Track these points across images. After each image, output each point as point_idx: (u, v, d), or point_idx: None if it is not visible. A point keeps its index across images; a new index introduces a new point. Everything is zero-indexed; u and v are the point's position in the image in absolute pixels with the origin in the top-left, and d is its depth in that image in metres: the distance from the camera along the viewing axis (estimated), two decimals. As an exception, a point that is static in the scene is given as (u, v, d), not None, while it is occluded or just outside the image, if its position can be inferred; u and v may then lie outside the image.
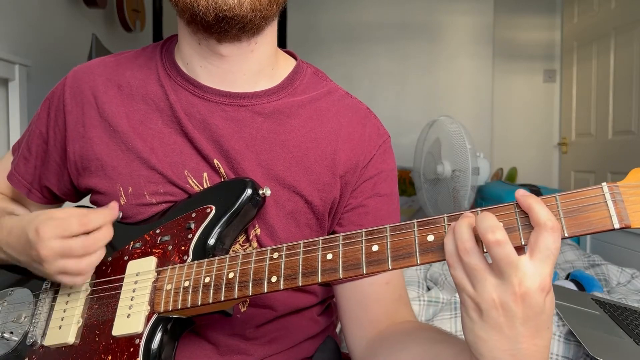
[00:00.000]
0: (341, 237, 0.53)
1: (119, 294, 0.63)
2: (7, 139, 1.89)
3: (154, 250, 0.65)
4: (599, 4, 3.28)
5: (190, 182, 0.68)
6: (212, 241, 0.62)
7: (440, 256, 0.48)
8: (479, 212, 0.47)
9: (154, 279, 0.62)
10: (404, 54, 3.81)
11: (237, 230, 0.65)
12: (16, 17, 1.98)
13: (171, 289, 0.59)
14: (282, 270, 0.54)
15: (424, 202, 2.60)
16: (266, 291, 0.54)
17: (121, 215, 0.68)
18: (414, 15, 3.79)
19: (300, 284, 0.53)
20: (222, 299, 0.56)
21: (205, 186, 0.68)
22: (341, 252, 0.52)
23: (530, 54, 3.89)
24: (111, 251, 0.68)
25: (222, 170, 0.68)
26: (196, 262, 0.60)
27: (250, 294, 0.55)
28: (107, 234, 0.63)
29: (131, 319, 0.60)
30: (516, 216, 0.46)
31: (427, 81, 3.82)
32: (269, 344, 0.72)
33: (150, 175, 0.68)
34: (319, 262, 0.53)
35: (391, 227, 0.51)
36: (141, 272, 0.63)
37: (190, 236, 0.63)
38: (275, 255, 0.55)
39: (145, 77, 0.72)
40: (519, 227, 0.46)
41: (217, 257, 0.59)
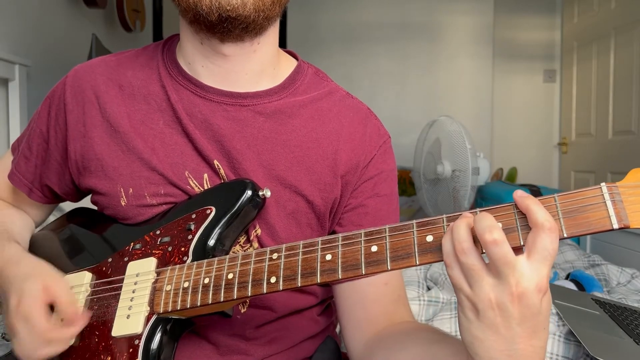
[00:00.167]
0: (340, 237, 0.53)
1: (119, 294, 0.63)
2: (7, 139, 1.89)
3: (154, 251, 0.65)
4: (599, 4, 3.28)
5: (190, 183, 0.68)
6: (212, 242, 0.62)
7: (439, 257, 0.48)
8: (477, 212, 0.47)
9: (153, 280, 0.62)
10: (404, 54, 3.81)
11: (237, 231, 0.65)
12: (16, 17, 1.98)
13: (171, 290, 0.59)
14: (282, 270, 0.54)
15: (424, 202, 2.60)
16: (265, 292, 0.54)
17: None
18: (414, 15, 3.79)
19: (299, 285, 0.53)
20: (222, 300, 0.56)
21: (205, 187, 0.68)
22: (340, 252, 0.52)
23: (530, 54, 3.89)
24: (111, 252, 0.69)
25: (222, 171, 0.68)
26: (196, 263, 0.60)
27: (249, 295, 0.55)
28: (58, 350, 0.62)
29: (131, 319, 0.60)
30: (515, 217, 0.46)
31: (427, 81, 3.82)
32: (269, 344, 0.72)
33: (151, 176, 0.68)
34: (318, 263, 0.53)
35: (390, 227, 0.51)
36: (141, 272, 0.63)
37: (190, 237, 0.63)
38: (274, 256, 0.55)
39: (146, 76, 0.72)
40: (518, 227, 0.46)
41: (216, 258, 0.59)
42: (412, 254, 0.49)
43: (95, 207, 0.76)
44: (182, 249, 0.63)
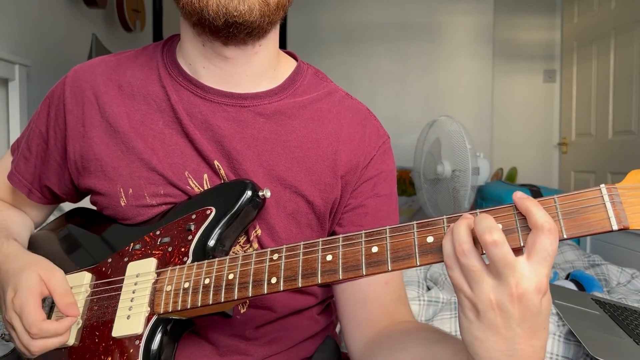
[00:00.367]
0: (341, 238, 0.53)
1: (119, 295, 0.63)
2: (7, 139, 1.89)
3: (154, 251, 0.65)
4: (599, 4, 3.28)
5: (190, 183, 0.68)
6: (212, 242, 0.62)
7: (439, 257, 0.48)
8: (478, 213, 0.47)
9: (154, 280, 0.62)
10: (404, 54, 3.81)
11: (237, 231, 0.65)
12: (16, 17, 1.98)
13: (171, 290, 0.59)
14: (282, 271, 0.54)
15: (424, 202, 2.60)
16: (266, 292, 0.54)
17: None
18: (414, 15, 3.79)
19: (300, 285, 0.53)
20: (222, 300, 0.56)
21: (205, 187, 0.68)
22: (341, 253, 0.52)
23: (530, 54, 3.89)
24: (111, 252, 0.69)
25: (222, 171, 0.68)
26: (196, 263, 0.60)
27: (250, 295, 0.55)
28: (49, 345, 0.62)
29: (131, 320, 0.60)
30: (515, 218, 0.46)
31: (427, 81, 3.82)
32: (269, 345, 0.72)
33: (150, 176, 0.68)
34: (319, 264, 0.53)
35: (391, 228, 0.51)
36: (141, 273, 0.63)
37: (190, 238, 0.63)
38: (275, 256, 0.55)
39: (146, 77, 0.72)
40: (518, 228, 0.46)
41: (217, 259, 0.59)
42: (413, 255, 0.49)
43: (94, 207, 0.76)
44: (182, 250, 0.63)
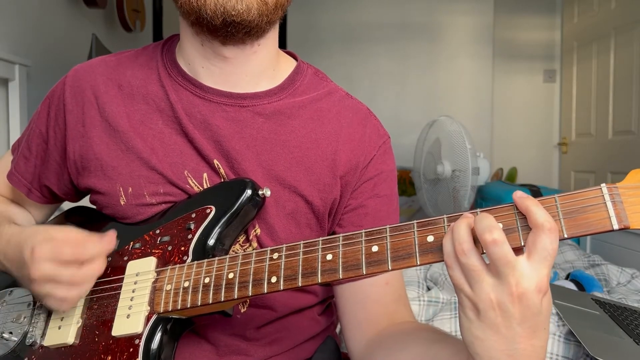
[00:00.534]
0: (341, 237, 0.53)
1: (119, 294, 0.63)
2: (7, 139, 1.89)
3: (153, 250, 0.65)
4: (599, 4, 3.28)
5: (190, 182, 0.68)
6: (211, 242, 0.62)
7: (439, 257, 0.48)
8: (478, 213, 0.47)
9: (153, 279, 0.62)
10: (404, 54, 3.81)
11: (236, 230, 0.65)
12: (16, 17, 1.98)
13: (171, 289, 0.59)
14: (282, 270, 0.54)
15: (424, 202, 2.60)
16: (266, 292, 0.54)
17: (118, 243, 0.65)
18: (414, 15, 3.79)
19: (300, 285, 0.53)
20: (222, 300, 0.56)
21: (205, 187, 0.68)
22: (341, 252, 0.52)
23: (530, 54, 3.89)
24: (111, 252, 0.68)
25: (221, 170, 0.68)
26: (196, 262, 0.60)
27: (250, 295, 0.55)
28: (98, 268, 0.62)
29: (131, 319, 0.60)
30: (516, 217, 0.46)
31: (427, 81, 3.82)
32: (270, 345, 0.72)
33: (150, 175, 0.68)
34: (319, 263, 0.53)
35: (391, 227, 0.51)
36: (141, 272, 0.63)
37: (190, 237, 0.63)
38: (275, 255, 0.55)
39: (146, 76, 0.72)
40: (519, 228, 0.46)
41: (216, 258, 0.59)
42: (413, 254, 0.49)
43: (94, 207, 0.76)
44: (182, 249, 0.63)
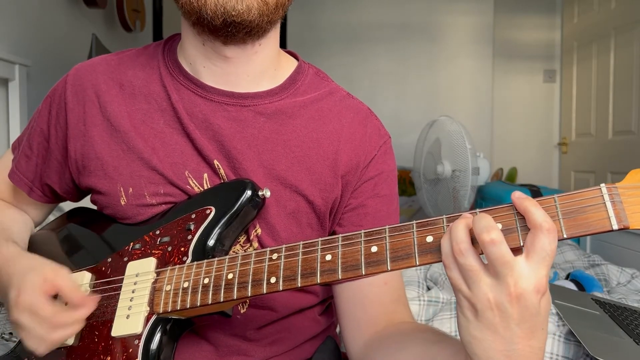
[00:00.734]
0: (340, 238, 0.53)
1: (119, 294, 0.63)
2: (7, 139, 1.89)
3: (153, 251, 0.65)
4: (599, 4, 3.28)
5: (190, 183, 0.68)
6: (211, 242, 0.62)
7: (439, 257, 0.48)
8: (477, 213, 0.47)
9: (153, 280, 0.62)
10: (404, 54, 3.81)
11: (236, 231, 0.65)
12: (16, 17, 1.98)
13: (170, 290, 0.59)
14: (281, 271, 0.54)
15: (424, 202, 2.60)
16: (265, 292, 0.54)
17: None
18: (414, 15, 3.79)
19: (299, 285, 0.53)
20: (221, 300, 0.56)
21: (205, 187, 0.68)
22: (340, 253, 0.52)
23: (530, 54, 3.89)
24: (111, 252, 0.68)
25: (222, 171, 0.68)
26: (195, 263, 0.60)
27: (249, 295, 0.55)
28: (71, 333, 0.61)
29: (130, 319, 0.60)
30: (515, 217, 0.46)
31: (427, 81, 3.82)
32: (270, 346, 0.72)
33: (151, 175, 0.68)
34: (318, 263, 0.53)
35: (390, 228, 0.51)
36: (141, 272, 0.63)
37: (189, 237, 0.63)
38: (274, 256, 0.55)
39: (147, 76, 0.72)
40: (518, 228, 0.46)
41: (216, 258, 0.59)
42: (412, 255, 0.49)
43: (94, 207, 0.76)
44: (182, 249, 0.63)
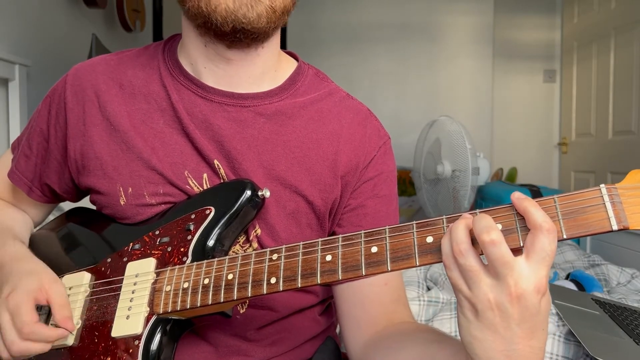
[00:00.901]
0: (340, 238, 0.53)
1: (118, 295, 0.63)
2: (7, 139, 1.89)
3: (153, 251, 0.65)
4: (599, 4, 3.28)
5: (190, 183, 0.68)
6: (211, 242, 0.62)
7: (439, 258, 0.48)
8: (477, 213, 0.47)
9: (153, 280, 0.62)
10: (404, 54, 3.81)
11: (236, 231, 0.65)
12: (16, 17, 1.98)
13: (170, 290, 0.59)
14: (282, 271, 0.54)
15: (424, 202, 2.60)
16: (265, 292, 0.54)
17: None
18: (414, 15, 3.79)
19: (299, 285, 0.53)
20: (222, 300, 0.56)
21: (205, 187, 0.68)
22: (340, 253, 0.52)
23: (530, 54, 3.89)
24: (110, 252, 0.68)
25: (222, 171, 0.68)
26: (195, 263, 0.60)
27: (249, 295, 0.55)
28: (34, 350, 0.61)
29: (130, 320, 0.60)
30: (515, 218, 0.46)
31: (427, 81, 3.82)
32: (271, 346, 0.72)
33: (150, 175, 0.68)
34: (318, 264, 0.53)
35: (390, 228, 0.51)
36: (140, 273, 0.63)
37: (189, 237, 0.63)
38: (274, 256, 0.55)
39: (147, 76, 0.72)
40: (518, 228, 0.46)
41: (216, 259, 0.59)
42: (412, 255, 0.49)
43: (94, 207, 0.76)
44: (182, 250, 0.63)
